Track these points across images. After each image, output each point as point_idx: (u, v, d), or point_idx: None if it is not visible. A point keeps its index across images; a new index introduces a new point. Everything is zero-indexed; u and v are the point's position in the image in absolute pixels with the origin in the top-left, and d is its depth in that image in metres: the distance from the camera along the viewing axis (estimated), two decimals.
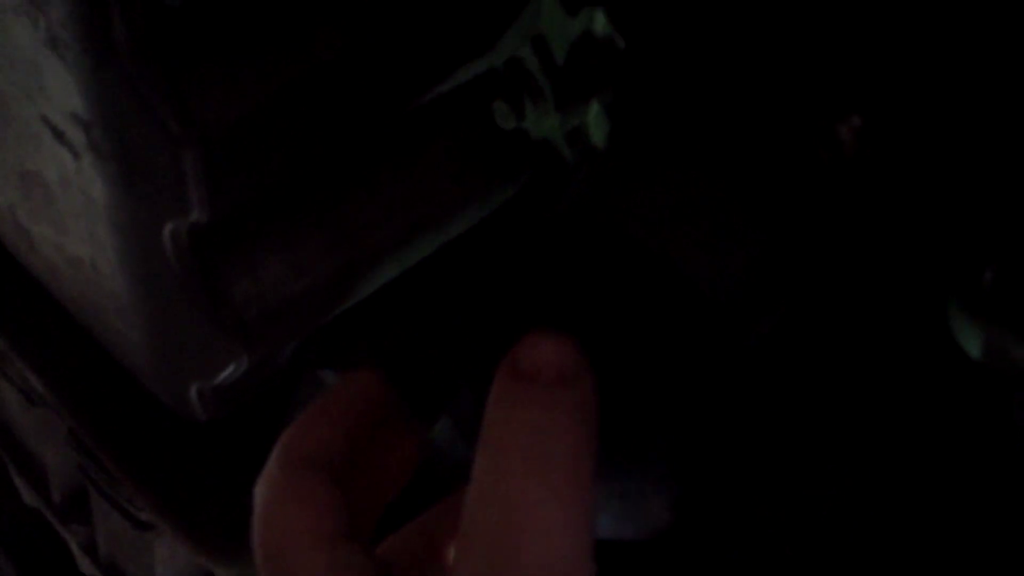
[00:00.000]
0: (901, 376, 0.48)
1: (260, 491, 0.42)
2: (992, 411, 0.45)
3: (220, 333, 0.53)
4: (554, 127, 0.56)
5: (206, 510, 0.65)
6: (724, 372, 0.45)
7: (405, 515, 0.44)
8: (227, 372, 0.56)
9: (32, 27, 0.48)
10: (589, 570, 0.36)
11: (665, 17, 0.49)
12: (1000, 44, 0.41)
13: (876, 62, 0.41)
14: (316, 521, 0.40)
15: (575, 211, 0.47)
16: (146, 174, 0.50)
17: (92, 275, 0.58)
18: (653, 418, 0.42)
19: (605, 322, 0.42)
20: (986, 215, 0.43)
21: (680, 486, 0.42)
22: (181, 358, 0.58)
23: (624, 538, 0.43)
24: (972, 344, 0.43)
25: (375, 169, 0.56)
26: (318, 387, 0.69)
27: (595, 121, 0.55)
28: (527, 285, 0.46)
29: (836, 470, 0.50)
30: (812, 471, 0.48)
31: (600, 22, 0.52)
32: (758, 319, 0.44)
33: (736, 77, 0.45)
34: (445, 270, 0.61)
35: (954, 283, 0.44)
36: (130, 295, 0.56)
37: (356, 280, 0.57)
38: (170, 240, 0.51)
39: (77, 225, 0.56)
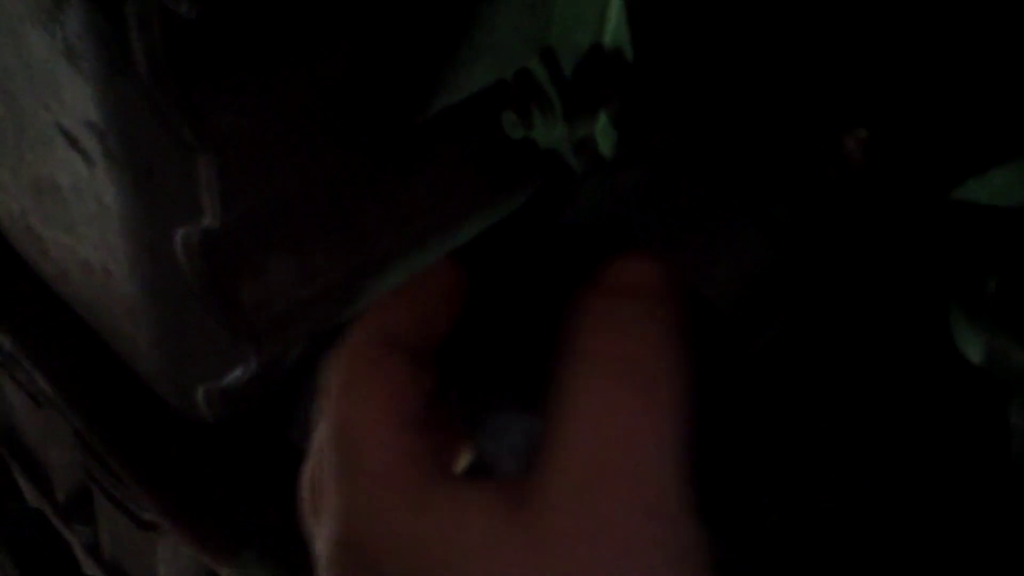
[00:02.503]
0: (902, 381, 0.48)
1: (339, 365, 0.39)
2: (992, 416, 0.46)
3: (229, 336, 0.54)
4: (562, 137, 0.56)
5: (210, 510, 0.65)
6: (727, 378, 0.45)
7: None
8: (235, 374, 0.57)
9: (49, 37, 0.49)
10: (685, 495, 0.35)
11: (671, 28, 0.50)
12: (1003, 55, 0.41)
13: (881, 75, 0.41)
14: (400, 402, 0.38)
15: (582, 219, 0.48)
16: (159, 181, 0.50)
17: (103, 279, 0.59)
18: None
19: None
20: (988, 224, 0.43)
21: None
22: (190, 360, 0.58)
23: None
24: (973, 350, 0.44)
25: (385, 176, 0.57)
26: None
27: (602, 131, 0.56)
28: (533, 291, 0.46)
29: (836, 474, 0.50)
30: (813, 475, 0.49)
31: (609, 34, 0.52)
32: (761, 327, 0.44)
33: (742, 89, 0.46)
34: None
35: (956, 290, 0.44)
36: (140, 298, 0.57)
37: (364, 285, 0.58)
38: (182, 245, 0.52)
39: (89, 230, 0.57)
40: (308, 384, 0.70)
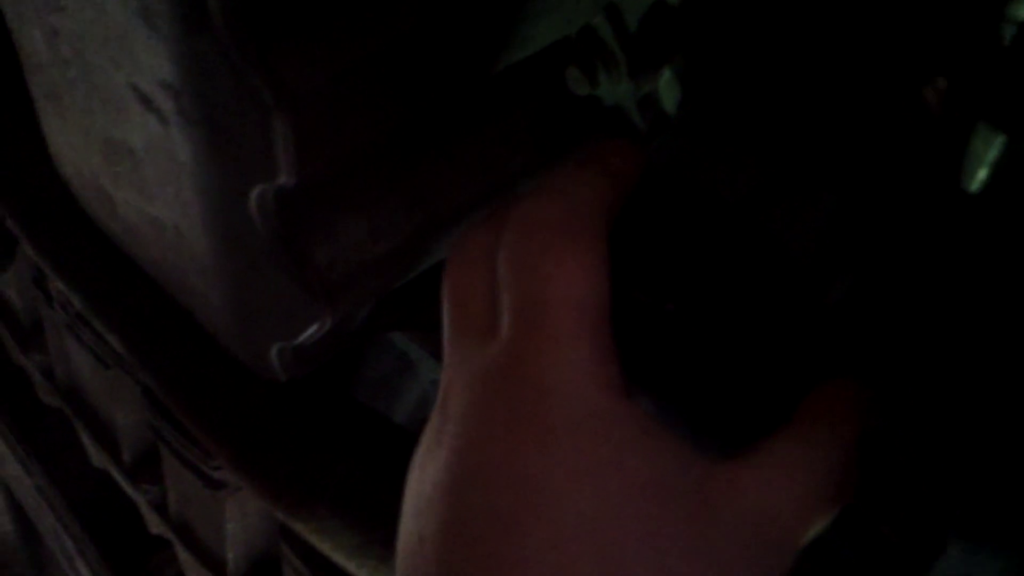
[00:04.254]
0: (977, 343, 0.48)
1: (526, 234, 0.38)
2: None
3: (304, 294, 0.55)
4: (626, 94, 0.56)
5: (282, 466, 0.66)
6: (804, 328, 0.45)
7: None
8: (309, 332, 0.57)
9: None
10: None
11: None
12: None
13: (961, 24, 0.41)
14: (600, 296, 0.37)
15: (660, 173, 0.48)
16: (235, 139, 0.51)
17: (175, 238, 0.60)
18: (739, 371, 0.43)
19: (692, 280, 0.43)
20: None
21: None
22: (264, 319, 0.59)
23: None
24: None
25: (451, 133, 0.57)
26: (388, 349, 0.71)
27: (666, 88, 0.56)
28: (612, 245, 0.46)
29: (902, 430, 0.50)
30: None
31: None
32: (837, 278, 0.44)
33: (815, 42, 0.45)
34: None
35: None
36: (214, 258, 0.58)
37: (431, 242, 0.59)
38: (257, 204, 0.52)
39: (162, 190, 0.57)
40: (373, 343, 0.70)
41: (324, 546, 0.64)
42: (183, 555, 0.84)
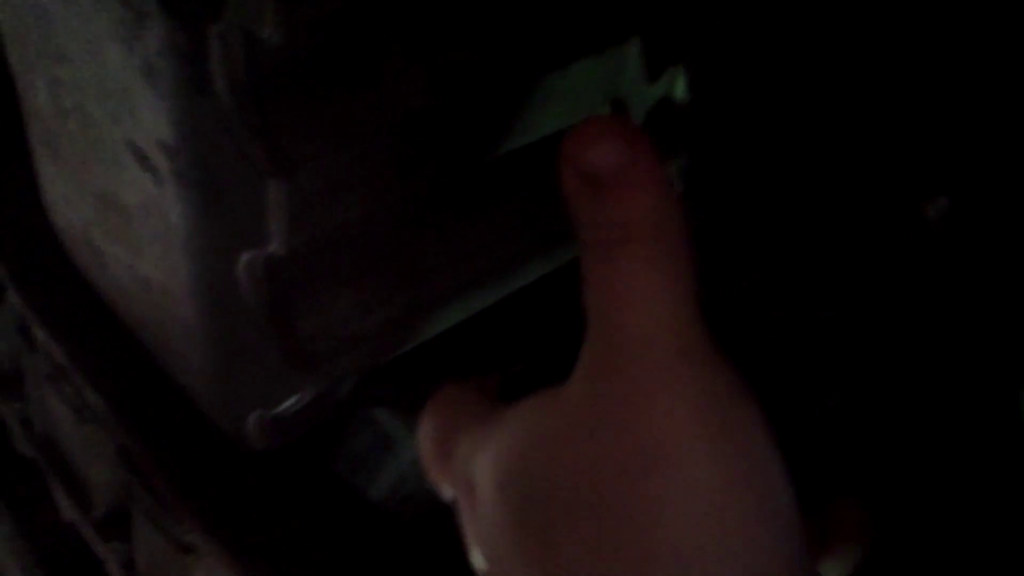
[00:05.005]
0: (971, 454, 0.48)
1: None
2: None
3: (285, 364, 0.54)
4: None
5: (254, 535, 0.65)
6: (798, 433, 0.45)
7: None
8: (289, 403, 0.57)
9: (127, 53, 0.49)
10: (709, 339, 0.36)
11: (749, 82, 0.50)
12: None
13: (963, 145, 0.41)
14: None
15: None
16: (228, 204, 0.50)
17: (161, 298, 0.59)
18: None
19: None
20: None
21: None
22: (243, 386, 0.58)
23: None
24: None
25: (447, 214, 0.57)
26: (370, 424, 0.70)
27: None
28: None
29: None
30: None
31: (680, 88, 0.52)
32: (832, 387, 0.44)
33: (824, 150, 0.45)
34: (509, 319, 0.62)
35: None
36: (198, 320, 0.57)
37: (420, 321, 0.58)
38: (245, 270, 0.52)
39: (152, 248, 0.57)
40: (356, 418, 0.70)
41: None
42: None
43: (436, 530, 0.68)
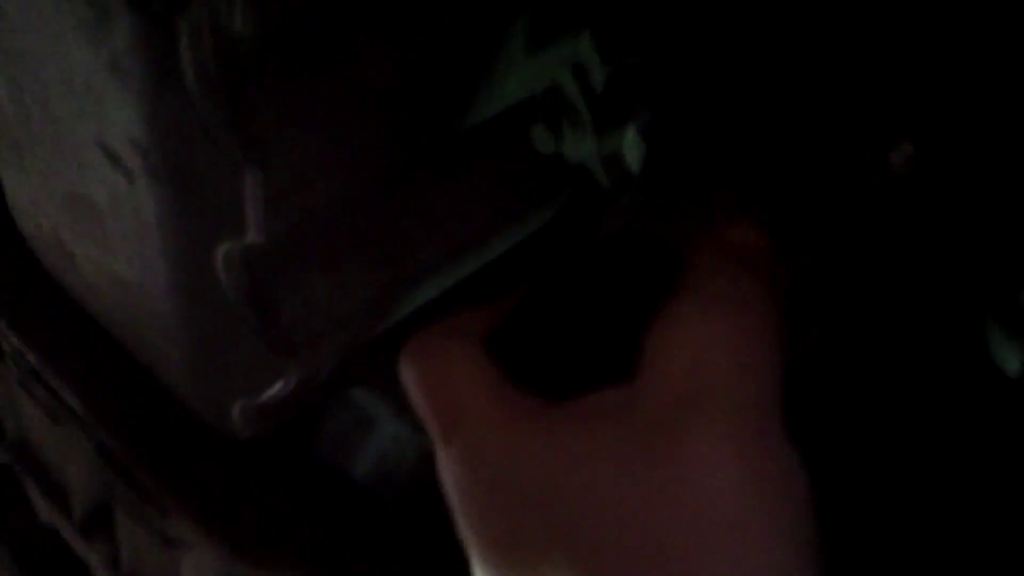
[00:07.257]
0: (937, 391, 0.49)
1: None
2: None
3: (269, 352, 0.54)
4: (591, 152, 0.57)
5: (242, 523, 0.65)
6: None
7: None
8: (273, 390, 0.57)
9: (93, 51, 0.49)
10: (782, 421, 0.37)
11: (705, 40, 0.50)
12: None
13: (927, 89, 0.42)
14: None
15: (624, 232, 0.48)
16: (202, 198, 0.50)
17: (137, 295, 0.59)
18: None
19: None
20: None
21: None
22: (227, 377, 0.59)
23: None
24: (1010, 361, 0.44)
25: (419, 191, 0.57)
26: (347, 404, 0.70)
27: (630, 146, 0.56)
28: (573, 304, 0.47)
29: (862, 483, 0.51)
30: (839, 480, 0.50)
31: (635, 61, 0.53)
32: (800, 333, 0.45)
33: (785, 103, 0.46)
34: (483, 291, 0.62)
35: (993, 302, 0.45)
36: (178, 315, 0.57)
37: (398, 300, 0.58)
38: (223, 262, 0.52)
39: (125, 246, 0.57)
40: (333, 399, 0.70)
41: None
42: None
43: (420, 506, 0.69)
